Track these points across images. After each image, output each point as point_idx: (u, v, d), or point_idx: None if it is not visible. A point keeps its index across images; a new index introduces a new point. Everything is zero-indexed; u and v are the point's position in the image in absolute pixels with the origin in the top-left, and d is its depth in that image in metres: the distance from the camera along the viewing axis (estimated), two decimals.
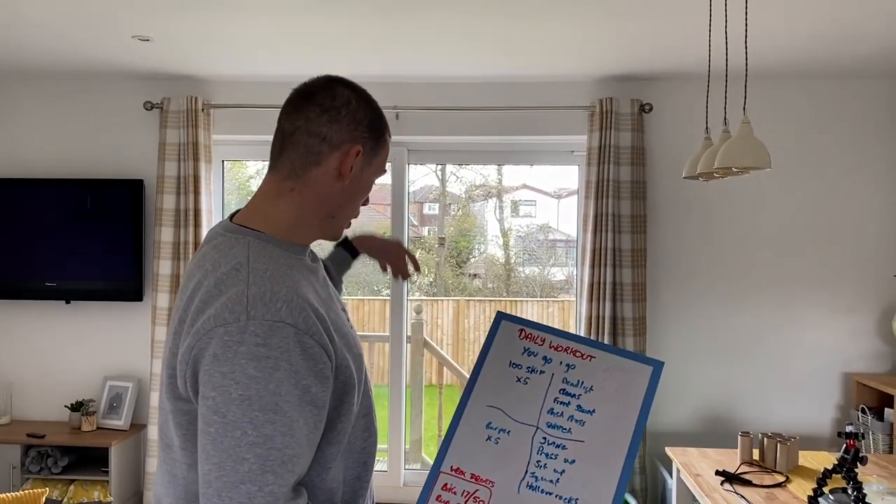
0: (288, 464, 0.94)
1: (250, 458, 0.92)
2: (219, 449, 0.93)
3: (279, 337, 0.95)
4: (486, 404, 1.24)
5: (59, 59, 3.55)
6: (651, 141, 3.73)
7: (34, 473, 3.61)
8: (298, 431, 0.96)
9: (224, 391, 0.93)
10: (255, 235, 1.09)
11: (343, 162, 1.11)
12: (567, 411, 1.21)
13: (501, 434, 1.20)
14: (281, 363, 0.94)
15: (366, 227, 4.97)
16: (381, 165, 1.20)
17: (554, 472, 1.16)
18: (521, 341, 1.30)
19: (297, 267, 1.09)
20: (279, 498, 0.93)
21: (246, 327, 0.95)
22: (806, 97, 3.69)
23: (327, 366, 1.00)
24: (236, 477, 0.92)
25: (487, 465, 1.17)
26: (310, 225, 1.14)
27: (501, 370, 1.27)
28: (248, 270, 1.02)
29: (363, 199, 1.20)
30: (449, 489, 1.16)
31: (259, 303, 0.97)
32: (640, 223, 3.61)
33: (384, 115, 1.20)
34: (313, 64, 3.49)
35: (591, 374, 1.25)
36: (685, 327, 3.76)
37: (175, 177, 3.75)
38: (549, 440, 1.19)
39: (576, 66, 3.51)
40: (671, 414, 3.75)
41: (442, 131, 3.83)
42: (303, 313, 0.98)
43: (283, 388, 0.94)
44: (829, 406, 3.71)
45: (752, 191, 3.72)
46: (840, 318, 3.70)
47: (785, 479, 2.43)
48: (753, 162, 2.18)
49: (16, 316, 3.98)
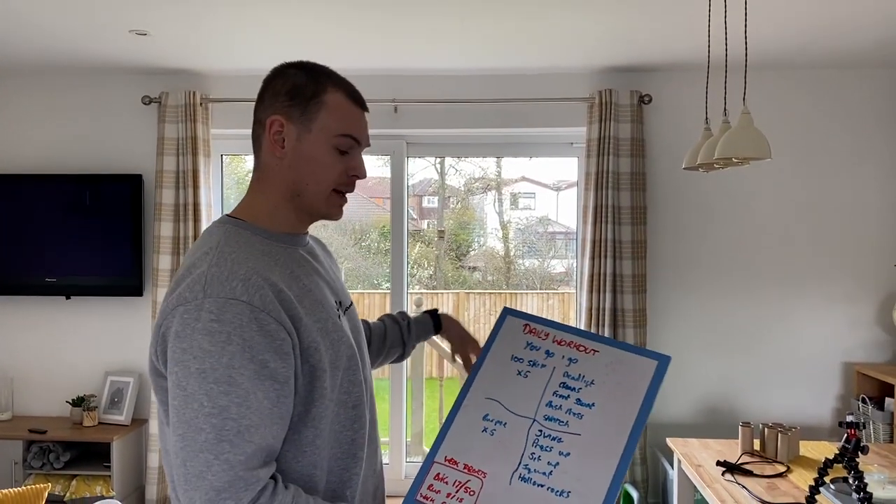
0: (244, 433, 0.97)
1: (206, 428, 0.96)
2: (181, 420, 0.98)
3: (231, 313, 0.99)
4: (484, 396, 1.23)
5: (56, 55, 3.54)
6: (651, 132, 3.72)
7: (36, 469, 3.62)
8: (256, 403, 0.99)
9: (184, 366, 0.98)
10: (235, 223, 1.14)
11: (269, 138, 1.14)
12: (566, 404, 1.20)
13: (498, 426, 1.20)
14: (233, 337, 0.98)
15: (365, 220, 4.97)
16: (331, 129, 1.14)
17: (547, 465, 1.15)
18: (525, 336, 1.30)
19: (274, 252, 1.12)
20: (234, 466, 0.96)
21: (202, 305, 1.00)
22: (806, 87, 3.69)
23: (286, 342, 1.03)
24: (196, 446, 0.97)
25: (481, 456, 1.17)
26: (282, 209, 1.17)
27: (503, 364, 1.27)
28: (215, 253, 1.07)
29: (332, 170, 1.15)
30: (441, 479, 1.16)
31: (215, 282, 1.02)
32: (639, 215, 3.61)
33: (327, 78, 1.17)
34: (311, 57, 3.46)
35: (594, 368, 1.23)
36: (685, 318, 3.76)
37: (174, 171, 3.74)
38: (545, 433, 1.18)
39: (575, 58, 3.50)
40: (672, 405, 3.76)
41: (441, 124, 3.82)
42: (259, 291, 1.02)
43: (237, 361, 0.98)
44: (829, 396, 3.72)
45: (752, 181, 3.71)
46: (840, 307, 3.70)
47: (786, 469, 2.43)
48: (753, 152, 2.17)
49: (16, 312, 3.98)
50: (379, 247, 4.69)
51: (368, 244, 4.91)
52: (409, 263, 4.22)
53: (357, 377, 1.15)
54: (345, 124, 1.16)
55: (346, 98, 1.17)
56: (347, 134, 1.16)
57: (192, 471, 0.97)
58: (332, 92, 1.16)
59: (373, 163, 4.46)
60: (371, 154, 4.13)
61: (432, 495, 1.15)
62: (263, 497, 0.98)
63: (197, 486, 0.96)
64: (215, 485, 0.96)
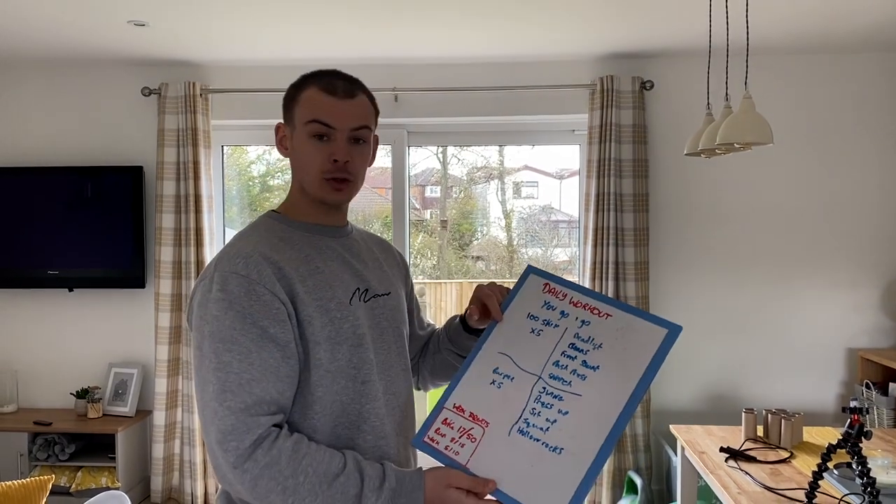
0: (245, 385, 1.12)
1: (213, 381, 1.13)
2: (198, 376, 1.16)
3: (232, 284, 1.16)
4: (497, 350, 1.29)
5: (55, 46, 3.53)
6: (652, 118, 3.70)
7: (42, 461, 3.64)
8: (259, 361, 1.13)
9: (200, 330, 1.17)
10: (271, 215, 1.33)
11: (278, 142, 1.35)
12: (572, 365, 1.24)
13: (505, 379, 1.25)
14: (234, 305, 1.14)
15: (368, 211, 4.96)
16: (302, 119, 1.27)
17: (546, 421, 1.19)
18: (544, 295, 1.34)
19: (294, 239, 1.28)
20: (236, 412, 1.10)
21: (213, 278, 1.18)
22: (808, 71, 3.66)
23: (281, 310, 1.17)
24: (207, 396, 1.13)
25: (486, 406, 1.23)
26: (300, 201, 1.33)
27: (520, 320, 1.32)
28: (237, 237, 1.27)
29: (314, 159, 1.26)
30: (448, 423, 1.24)
31: (224, 259, 1.20)
32: (642, 202, 3.59)
33: (309, 79, 1.29)
34: (311, 47, 3.46)
35: (605, 331, 1.26)
36: (688, 305, 3.75)
37: (175, 163, 3.74)
38: (548, 390, 1.22)
39: (576, 45, 3.48)
40: (675, 392, 3.76)
41: (442, 112, 3.80)
42: (258, 267, 1.18)
43: (238, 324, 1.14)
44: (833, 382, 3.71)
45: (754, 167, 3.69)
46: (844, 293, 3.69)
47: (789, 454, 2.43)
48: (755, 137, 2.16)
49: (20, 305, 3.99)
50: (382, 237, 4.69)
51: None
52: (412, 253, 4.21)
53: (367, 356, 1.25)
54: (311, 111, 1.26)
55: (318, 89, 1.27)
56: (313, 119, 1.25)
57: (206, 417, 1.13)
58: (307, 88, 1.28)
59: None
60: None
61: (438, 438, 1.23)
62: (266, 441, 1.11)
63: (209, 430, 1.12)
64: (221, 428, 1.10)
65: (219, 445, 1.11)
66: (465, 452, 1.20)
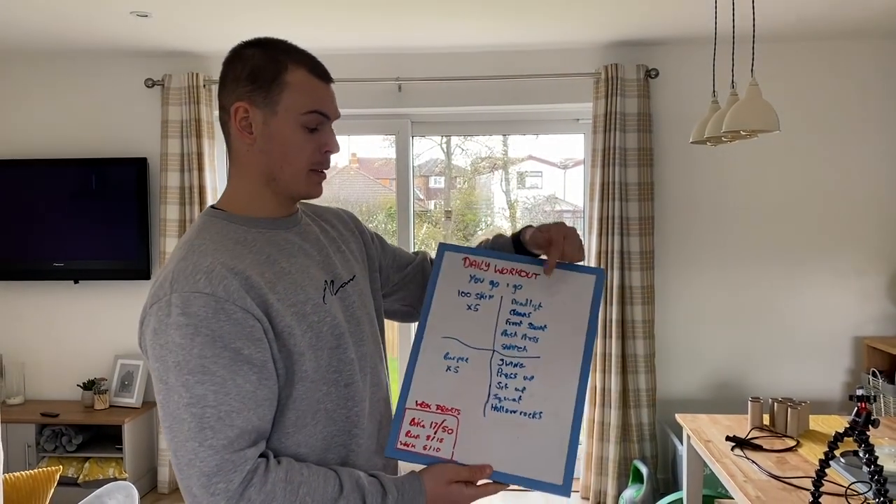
0: (225, 419, 1.00)
1: (187, 418, 1.00)
2: (166, 413, 1.02)
3: (196, 306, 1.02)
4: (441, 336, 1.25)
5: (57, 38, 3.52)
6: (658, 107, 3.68)
7: (49, 452, 3.66)
8: (235, 388, 1.01)
9: (163, 361, 1.02)
10: (214, 214, 1.16)
11: (236, 125, 1.14)
12: (520, 330, 1.24)
13: (460, 362, 1.23)
14: (201, 329, 1.01)
15: (372, 202, 4.95)
16: (296, 108, 1.13)
17: (515, 391, 1.19)
18: (467, 269, 1.31)
19: (249, 240, 1.13)
20: (219, 450, 0.99)
21: (170, 300, 1.03)
22: (814, 58, 3.63)
23: (256, 328, 1.04)
24: (182, 436, 1.00)
25: (451, 395, 1.20)
26: (261, 194, 1.17)
27: (451, 300, 1.28)
28: (185, 248, 1.10)
29: (303, 150, 1.14)
30: (417, 423, 1.18)
31: (181, 276, 1.04)
32: (647, 191, 3.58)
33: (286, 57, 1.14)
34: (314, 37, 3.45)
35: (538, 291, 1.27)
36: (694, 294, 3.74)
37: (179, 154, 3.74)
38: (507, 361, 1.22)
39: (580, 33, 3.46)
40: (681, 381, 3.75)
41: (446, 102, 3.79)
42: (223, 281, 1.04)
43: (208, 351, 1.01)
44: (839, 370, 3.70)
45: (759, 155, 3.67)
46: (850, 281, 3.67)
47: (796, 443, 2.42)
48: (762, 124, 2.14)
49: (26, 297, 4.00)
50: (386, 228, 4.68)
51: (375, 225, 4.90)
52: (417, 244, 4.20)
53: (347, 356, 1.15)
54: (310, 100, 1.14)
55: (309, 73, 1.15)
56: (314, 110, 1.14)
57: (183, 460, 1.01)
58: (293, 70, 1.13)
59: (378, 143, 4.43)
60: (376, 134, 4.10)
61: (412, 441, 1.17)
62: (256, 476, 1.01)
63: (189, 473, 1.00)
64: (205, 470, 0.99)
65: (204, 490, 0.99)
66: (446, 446, 1.16)
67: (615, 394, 3.56)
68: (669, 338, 3.74)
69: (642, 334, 3.57)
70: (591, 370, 3.63)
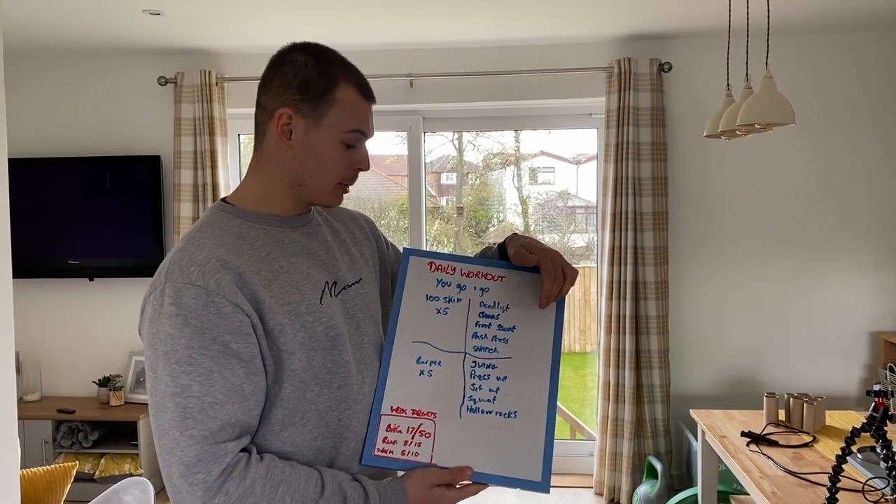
0: (208, 410, 1.01)
1: (171, 407, 1.01)
2: (153, 401, 1.04)
3: (187, 297, 1.03)
4: (412, 341, 1.25)
5: (70, 36, 3.54)
6: (671, 101, 3.66)
7: (66, 448, 3.69)
8: (221, 381, 1.02)
9: (154, 349, 1.04)
10: (222, 208, 1.18)
11: (277, 129, 1.15)
12: (490, 332, 1.26)
13: (433, 366, 1.23)
14: (190, 320, 1.02)
15: (384, 198, 4.95)
16: (341, 126, 1.15)
17: (489, 392, 1.21)
18: (433, 273, 1.31)
19: (252, 235, 1.14)
20: (199, 441, 1.00)
21: (164, 290, 1.05)
22: (830, 50, 3.59)
23: (245, 322, 1.05)
24: (165, 424, 1.01)
25: (426, 399, 1.21)
26: (279, 193, 1.19)
27: (420, 305, 1.29)
28: (186, 239, 1.12)
29: (337, 165, 1.16)
30: (394, 429, 1.19)
31: (176, 268, 1.06)
32: (660, 185, 3.56)
33: (339, 72, 1.15)
34: (326, 34, 3.45)
35: (505, 292, 1.29)
36: (708, 289, 3.72)
37: (192, 152, 3.75)
38: (479, 362, 1.24)
39: (592, 27, 3.44)
40: (695, 376, 3.73)
41: (457, 98, 3.78)
42: (216, 275, 1.05)
43: (196, 342, 1.02)
44: (855, 365, 3.67)
45: (774, 148, 3.64)
46: (866, 276, 3.64)
47: (812, 439, 2.40)
48: (777, 117, 2.12)
49: (42, 294, 4.04)
50: (398, 224, 4.68)
51: (387, 222, 4.90)
52: (429, 241, 4.20)
53: (342, 358, 1.15)
54: (355, 120, 1.16)
55: (357, 93, 1.16)
56: (357, 130, 1.16)
57: (165, 448, 1.01)
58: (343, 87, 1.15)
59: (390, 140, 4.43)
60: (387, 130, 4.10)
61: (389, 447, 1.17)
62: (236, 470, 1.02)
63: (170, 462, 1.01)
64: (184, 460, 1.00)
65: (183, 480, 1.00)
66: (424, 450, 1.17)
67: (629, 389, 3.54)
68: (683, 333, 3.72)
69: (656, 330, 3.55)
70: (606, 365, 3.63)
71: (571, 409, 4.95)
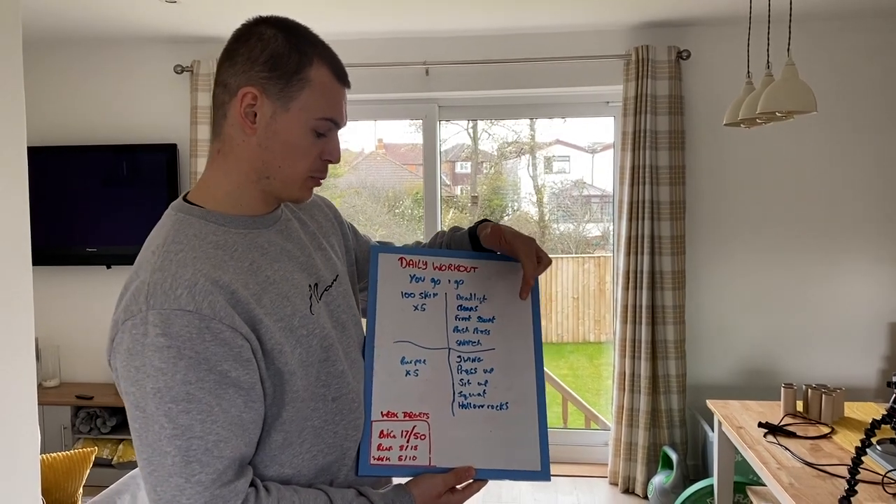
0: (213, 450, 0.92)
1: (172, 451, 0.90)
2: (144, 444, 0.92)
3: (178, 325, 0.91)
4: (393, 341, 1.21)
5: (87, 25, 3.56)
6: (689, 89, 3.62)
7: (84, 433, 3.73)
8: (222, 415, 0.92)
9: (139, 385, 0.91)
10: (188, 211, 1.04)
11: (239, 110, 1.01)
12: (470, 325, 1.24)
13: (418, 365, 1.20)
14: (184, 351, 0.90)
15: (398, 187, 4.94)
16: (312, 111, 1.02)
17: (478, 385, 1.19)
18: (405, 269, 1.27)
19: (230, 243, 1.02)
20: (208, 486, 0.91)
21: (147, 318, 0.91)
22: (853, 37, 3.53)
23: (245, 347, 0.95)
24: (164, 471, 0.91)
25: (416, 399, 1.17)
26: (246, 190, 1.05)
27: (396, 303, 1.24)
28: (160, 254, 0.98)
29: (307, 155, 1.04)
30: (387, 435, 1.13)
31: (159, 291, 0.92)
32: (678, 174, 3.53)
33: (313, 50, 1.03)
34: (341, 21, 3.44)
35: (479, 283, 1.27)
36: (725, 279, 3.69)
37: (208, 140, 3.76)
38: (464, 357, 1.21)
39: (609, 14, 3.40)
40: (712, 367, 3.71)
41: (473, 86, 3.76)
42: (208, 297, 0.93)
43: (192, 376, 0.90)
44: (874, 357, 3.63)
45: (794, 137, 3.60)
46: (886, 267, 3.59)
47: (830, 430, 2.38)
48: (798, 105, 2.09)
49: (61, 282, 4.07)
50: (413, 213, 4.68)
51: (402, 211, 4.90)
52: (443, 229, 4.20)
53: (336, 368, 1.08)
54: (328, 105, 1.03)
55: (332, 75, 1.04)
56: (330, 118, 1.04)
57: (164, 496, 0.91)
58: (317, 67, 1.02)
59: (405, 128, 4.43)
60: (403, 119, 4.09)
61: (385, 454, 1.12)
62: None
63: None
64: None
65: None
66: (422, 453, 1.13)
67: (644, 379, 3.53)
68: (700, 323, 3.70)
69: (672, 320, 3.53)
70: (621, 355, 3.61)
71: (586, 399, 4.95)
